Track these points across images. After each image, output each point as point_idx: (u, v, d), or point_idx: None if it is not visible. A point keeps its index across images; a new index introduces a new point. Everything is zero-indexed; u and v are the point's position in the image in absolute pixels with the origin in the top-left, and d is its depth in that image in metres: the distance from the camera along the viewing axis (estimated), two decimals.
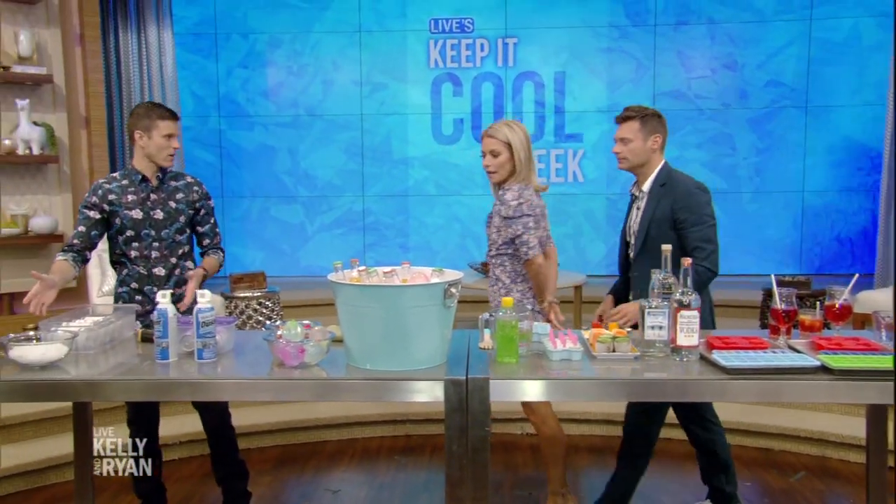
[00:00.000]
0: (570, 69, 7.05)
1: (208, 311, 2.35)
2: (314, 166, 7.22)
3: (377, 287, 2.29)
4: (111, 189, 3.10)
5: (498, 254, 3.15)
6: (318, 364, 2.31)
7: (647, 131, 3.05)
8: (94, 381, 2.21)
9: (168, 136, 3.09)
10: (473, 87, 7.13)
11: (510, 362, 2.31)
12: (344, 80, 7.19)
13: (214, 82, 7.19)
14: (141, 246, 3.10)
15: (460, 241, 7.32)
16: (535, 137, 7.11)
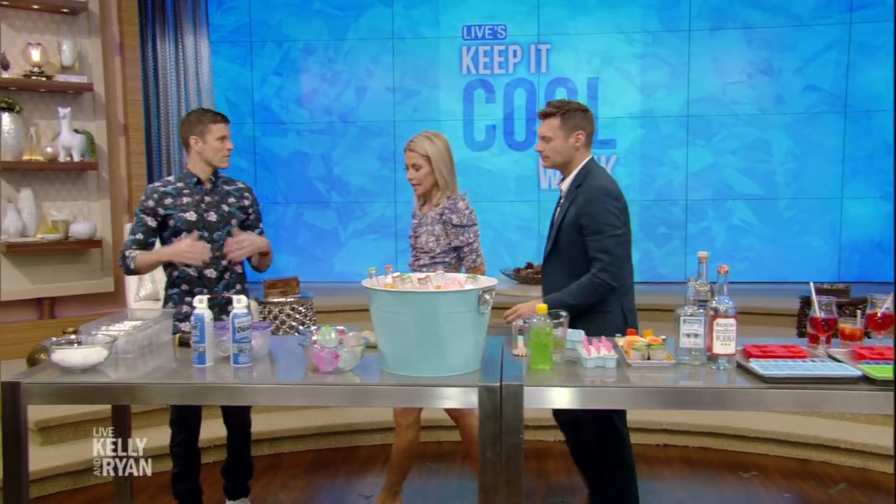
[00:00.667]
0: (603, 75, 7.01)
1: (244, 317, 2.37)
2: (347, 172, 7.26)
3: (411, 293, 2.29)
4: (167, 192, 3.17)
5: (433, 262, 3.14)
6: (353, 370, 2.32)
7: (568, 128, 2.93)
8: (133, 385, 2.25)
9: (222, 138, 3.16)
10: (506, 93, 7.13)
11: (544, 369, 2.31)
12: (377, 86, 7.22)
13: (249, 89, 7.28)
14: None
15: (492, 247, 7.28)
16: None
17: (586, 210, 2.82)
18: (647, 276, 7.09)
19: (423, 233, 3.16)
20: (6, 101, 4.82)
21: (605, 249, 2.79)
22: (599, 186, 2.86)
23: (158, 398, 2.31)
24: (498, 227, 7.27)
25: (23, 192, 4.98)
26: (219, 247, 3.17)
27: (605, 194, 2.84)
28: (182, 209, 3.15)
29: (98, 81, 5.27)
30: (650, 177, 7.05)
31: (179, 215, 3.14)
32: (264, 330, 2.53)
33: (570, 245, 2.90)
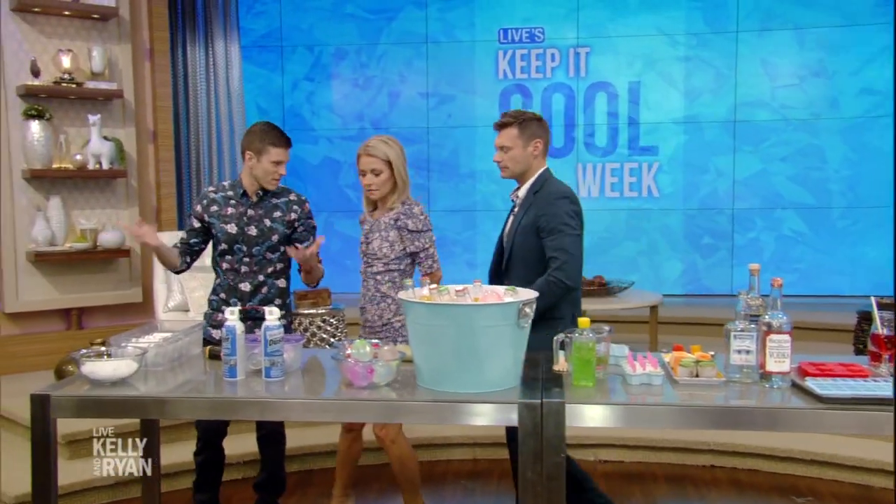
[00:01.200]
0: (645, 79, 6.97)
1: (276, 329, 2.38)
2: None
3: (449, 306, 2.29)
4: (215, 199, 3.24)
5: (387, 269, 3.19)
6: (387, 384, 2.32)
7: (526, 137, 3.00)
8: (163, 399, 2.27)
9: (276, 163, 3.18)
10: (543, 98, 7.12)
11: (587, 386, 2.28)
12: (410, 92, 7.26)
13: (279, 95, 7.36)
14: (232, 259, 3.22)
15: None
16: (608, 150, 7.06)
17: (545, 211, 2.90)
18: (691, 288, 7.01)
19: (376, 238, 3.21)
20: (36, 109, 4.93)
21: (562, 247, 2.85)
22: (558, 190, 2.97)
23: (188, 412, 2.33)
24: None
25: (52, 200, 5.08)
26: (257, 261, 3.21)
27: (564, 197, 2.94)
28: (224, 220, 3.21)
29: (128, 88, 5.37)
30: (694, 185, 6.97)
31: (221, 226, 3.20)
32: (296, 343, 2.54)
33: (526, 251, 2.95)
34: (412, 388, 2.30)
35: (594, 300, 5.09)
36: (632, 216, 7.07)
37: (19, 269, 5.04)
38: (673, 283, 6.98)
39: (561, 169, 7.07)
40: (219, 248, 3.24)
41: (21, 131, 4.97)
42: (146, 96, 5.58)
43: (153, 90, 5.61)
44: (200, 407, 2.29)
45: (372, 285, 3.22)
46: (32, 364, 5.03)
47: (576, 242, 2.90)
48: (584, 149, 7.11)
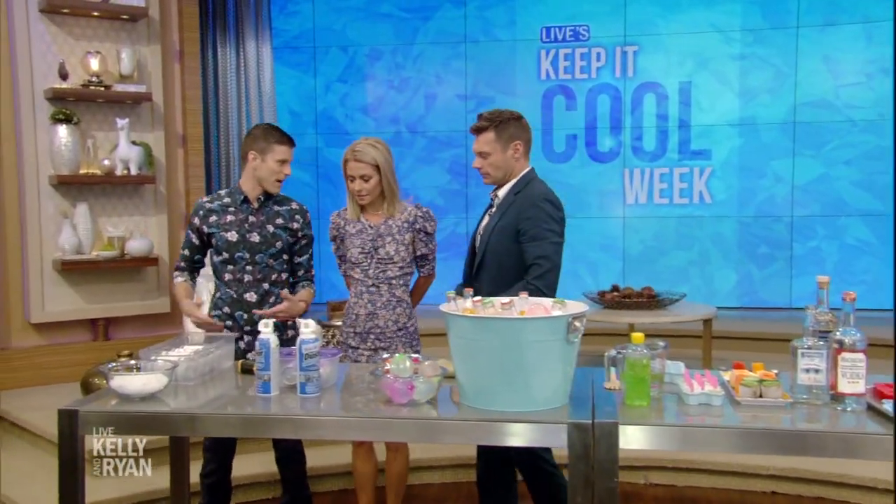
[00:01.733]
0: (696, 79, 6.89)
1: (312, 343, 2.37)
2: (415, 186, 7.28)
3: (494, 320, 2.26)
4: (213, 209, 3.24)
5: (403, 273, 3.26)
6: (428, 402, 2.30)
7: (504, 140, 2.97)
8: (194, 415, 2.27)
9: (281, 162, 3.20)
10: (588, 100, 7.07)
11: (641, 406, 2.24)
12: (448, 94, 7.26)
13: (312, 98, 7.41)
14: (235, 269, 3.21)
15: (571, 267, 7.16)
16: (657, 154, 6.99)
17: (527, 215, 2.87)
18: (746, 300, 6.89)
19: (390, 242, 3.23)
20: (64, 113, 5.01)
21: (544, 255, 2.83)
22: (540, 193, 2.94)
23: (220, 429, 2.34)
24: (578, 247, 7.17)
25: (79, 206, 5.15)
26: (260, 269, 3.21)
27: (547, 200, 2.91)
28: (224, 228, 3.20)
29: (157, 91, 5.43)
30: (749, 191, 6.86)
31: (221, 234, 3.20)
32: (333, 357, 2.53)
33: (501, 254, 2.92)
34: (454, 406, 2.29)
35: (642, 313, 5.02)
36: (682, 224, 6.98)
37: (45, 278, 5.12)
38: (726, 296, 6.86)
39: (606, 174, 7.06)
40: (218, 258, 3.22)
41: (48, 136, 5.05)
42: (175, 99, 5.65)
43: (183, 93, 5.68)
44: (233, 424, 2.28)
45: (386, 290, 3.25)
46: (58, 376, 5.10)
47: (558, 250, 2.88)
48: (631, 153, 7.05)
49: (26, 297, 5.11)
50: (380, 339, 3.25)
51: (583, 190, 7.13)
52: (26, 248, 5.08)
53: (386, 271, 3.25)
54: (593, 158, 7.13)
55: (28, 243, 5.07)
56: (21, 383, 5.03)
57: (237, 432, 2.39)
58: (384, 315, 3.24)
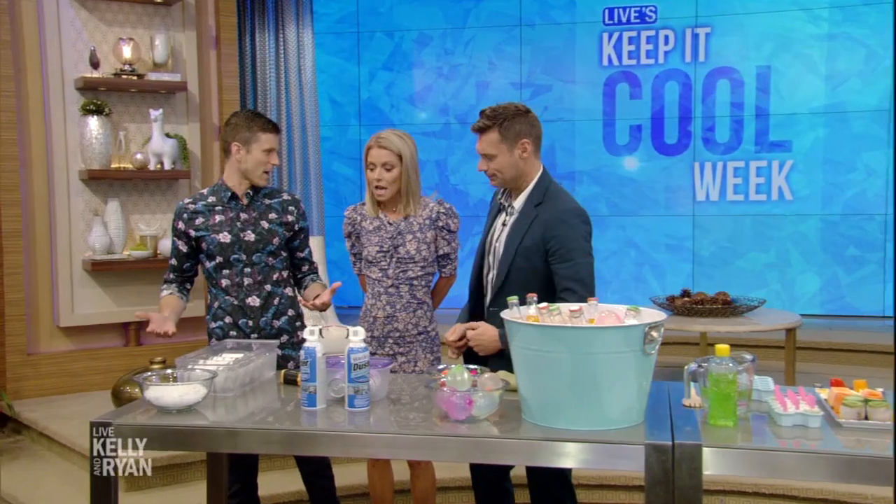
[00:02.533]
0: (777, 63, 6.74)
1: (361, 352, 2.34)
2: (465, 182, 7.26)
3: (563, 329, 2.22)
4: (198, 210, 3.19)
5: (425, 273, 3.28)
6: (488, 418, 2.26)
7: (510, 140, 2.89)
8: (234, 430, 2.25)
9: (268, 151, 3.16)
10: (654, 87, 7.00)
11: (726, 426, 2.17)
12: (501, 81, 7.23)
13: (355, 87, 7.42)
14: (232, 273, 3.16)
15: (636, 270, 7.13)
16: (731, 146, 6.87)
17: (556, 233, 2.84)
18: (832, 307, 6.72)
19: (411, 241, 3.24)
20: (94, 104, 5.07)
21: (578, 278, 2.80)
22: (569, 207, 2.91)
23: (261, 446, 2.31)
24: (643, 247, 7.09)
25: (110, 203, 5.20)
26: (260, 270, 3.18)
27: (577, 215, 2.89)
28: (214, 230, 3.16)
29: (192, 79, 5.47)
30: (836, 186, 6.69)
31: (212, 237, 3.15)
32: (383, 368, 2.51)
33: (528, 275, 2.87)
34: (517, 423, 2.24)
35: (717, 321, 4.90)
36: (758, 223, 6.84)
37: (74, 279, 5.18)
38: (808, 302, 6.70)
39: (675, 168, 6.95)
40: (213, 262, 3.17)
41: (78, 128, 5.12)
42: (212, 88, 5.68)
43: (219, 82, 5.71)
44: (275, 440, 2.26)
45: (406, 291, 3.25)
46: (88, 383, 5.16)
47: (591, 270, 2.86)
48: (701, 145, 6.94)
49: (55, 299, 5.18)
50: (398, 343, 3.25)
51: (648, 186, 7.05)
52: (55, 247, 5.15)
53: (406, 271, 3.24)
54: (660, 151, 7.04)
55: (57, 242, 5.14)
56: (49, 390, 5.10)
57: (280, 449, 2.37)
58: (404, 318, 3.24)
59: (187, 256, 3.22)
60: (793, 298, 6.68)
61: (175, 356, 2.56)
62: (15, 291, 5.05)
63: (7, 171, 5.01)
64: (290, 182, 6.39)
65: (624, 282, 7.11)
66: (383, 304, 3.25)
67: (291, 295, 3.29)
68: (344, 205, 7.47)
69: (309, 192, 6.46)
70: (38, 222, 5.16)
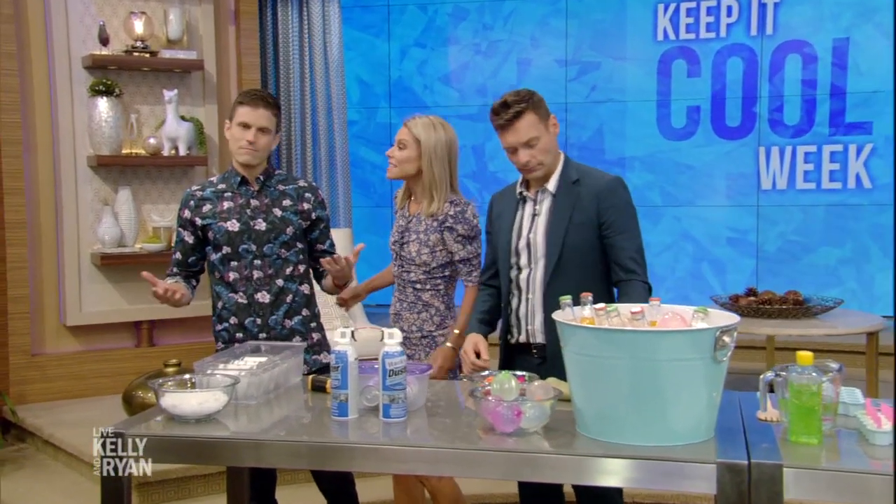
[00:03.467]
0: (856, 35, 6.63)
1: (397, 357, 2.31)
2: (504, 169, 7.20)
3: (623, 332, 2.17)
4: (205, 196, 3.18)
5: (429, 278, 3.27)
6: (538, 431, 2.22)
7: (543, 116, 2.94)
8: (258, 442, 2.23)
9: (243, 126, 3.10)
10: (715, 64, 6.92)
11: (809, 444, 2.10)
12: (545, 59, 7.19)
13: (385, 65, 7.41)
14: (240, 265, 3.13)
15: (693, 266, 7.06)
16: (801, 129, 6.78)
17: (611, 202, 2.92)
18: None
19: (413, 241, 3.27)
20: (105, 84, 5.09)
21: (640, 248, 2.94)
22: (615, 178, 3.02)
23: (287, 459, 2.29)
24: (701, 241, 7.01)
25: (120, 192, 5.23)
26: (271, 262, 3.14)
27: (623, 187, 3.00)
28: (222, 217, 3.14)
29: (209, 58, 5.48)
30: None
31: (219, 225, 3.12)
32: (422, 374, 2.48)
33: (583, 252, 2.93)
34: (570, 437, 2.20)
35: (787, 323, 4.82)
36: (832, 214, 6.74)
37: (83, 275, 5.22)
38: (890, 303, 6.56)
39: (737, 154, 6.88)
40: (218, 254, 3.14)
41: (87, 110, 5.14)
42: (230, 67, 5.69)
43: (238, 60, 5.72)
44: (303, 454, 2.23)
45: (411, 292, 3.30)
46: (97, 387, 5.19)
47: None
48: (768, 128, 6.86)
49: (61, 296, 5.22)
50: (404, 343, 3.22)
51: (707, 173, 6.97)
52: (62, 239, 5.19)
53: (409, 272, 3.29)
54: (721, 135, 6.97)
55: (63, 234, 5.18)
56: (56, 394, 5.14)
57: (308, 463, 2.35)
58: (408, 317, 3.30)
59: (193, 249, 3.20)
60: (872, 298, 6.55)
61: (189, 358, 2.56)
62: (18, 287, 5.09)
63: (10, 156, 5.04)
64: (314, 169, 6.38)
65: (679, 279, 7.04)
66: (396, 299, 3.35)
67: (307, 293, 3.25)
68: (372, 194, 7.48)
69: (335, 180, 6.45)
70: (43, 212, 5.19)
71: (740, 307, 4.98)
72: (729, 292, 5.52)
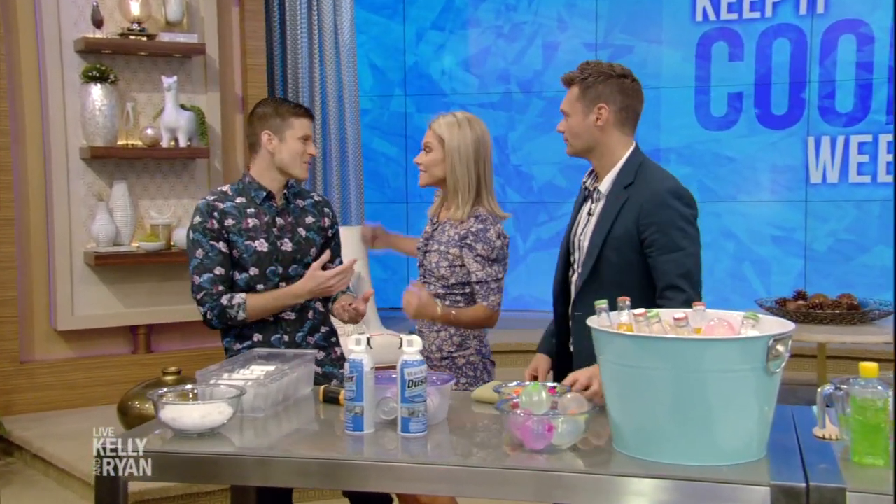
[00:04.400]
0: None
1: (417, 366, 2.29)
2: (529, 162, 7.21)
3: (666, 340, 2.14)
4: (227, 210, 3.15)
5: (449, 293, 3.23)
6: (571, 448, 2.20)
7: (588, 101, 2.85)
8: (266, 459, 2.22)
9: (304, 139, 3.17)
10: (759, 47, 6.90)
11: (874, 465, 2.07)
12: (573, 42, 7.18)
13: (400, 50, 7.42)
14: (266, 288, 3.15)
15: (735, 266, 7.03)
16: (856, 117, 6.75)
17: (652, 218, 2.78)
18: None
19: (434, 252, 3.24)
20: (98, 69, 5.09)
21: (686, 273, 2.74)
22: (666, 186, 2.83)
23: (298, 478, 2.28)
24: (743, 238, 6.98)
25: (116, 186, 5.23)
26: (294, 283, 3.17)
27: (676, 197, 2.81)
28: (249, 235, 3.13)
29: (211, 41, 5.48)
30: None
31: (246, 244, 3.12)
32: (443, 385, 2.46)
33: (619, 268, 2.82)
34: (607, 455, 2.19)
35: (840, 329, 4.81)
36: (889, 209, 6.67)
37: (75, 276, 5.22)
38: None
39: (783, 144, 6.82)
40: (244, 275, 3.13)
41: (79, 98, 5.15)
42: (234, 52, 5.70)
43: (242, 44, 5.72)
44: (314, 472, 2.22)
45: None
46: (90, 397, 5.20)
47: (699, 262, 2.80)
48: (817, 116, 6.82)
49: (52, 298, 5.22)
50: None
51: (749, 166, 6.95)
52: (52, 237, 5.19)
53: (429, 284, 3.26)
54: (765, 124, 6.94)
55: (55, 232, 5.18)
56: (46, 405, 5.15)
57: (320, 482, 2.35)
58: (428, 336, 3.26)
59: (230, 259, 3.14)
60: None
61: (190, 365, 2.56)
62: (6, 289, 5.11)
63: None
64: (324, 163, 6.37)
65: (719, 280, 7.00)
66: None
67: (322, 310, 3.31)
68: (386, 189, 7.46)
69: (346, 174, 6.45)
70: (32, 209, 5.20)
71: (788, 312, 4.95)
72: (774, 295, 5.49)
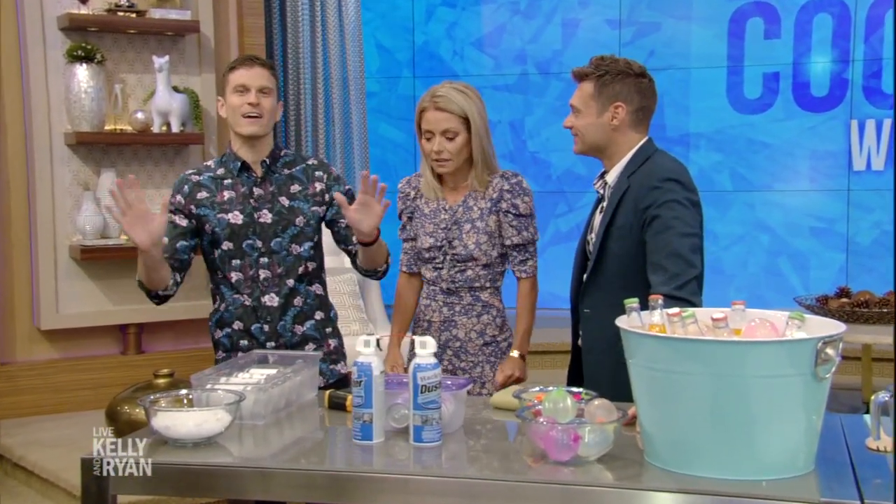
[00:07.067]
0: None
1: (431, 370, 2.29)
2: (547, 148, 7.22)
3: (703, 343, 2.12)
4: (201, 182, 3.15)
5: (489, 272, 3.27)
6: (600, 459, 2.19)
7: (604, 98, 2.89)
8: (267, 471, 2.22)
9: (241, 91, 3.07)
10: (798, 23, 6.89)
11: None
12: (594, 20, 7.19)
13: (408, 28, 7.44)
14: (244, 263, 3.12)
15: (769, 260, 7.03)
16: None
17: (649, 201, 2.82)
18: None
19: (469, 232, 3.23)
20: (84, 48, 5.07)
21: (674, 253, 2.74)
22: (664, 168, 2.89)
23: (301, 492, 2.27)
24: (779, 231, 6.97)
25: (103, 175, 5.22)
26: (281, 260, 3.12)
27: (673, 179, 2.85)
28: (223, 208, 3.11)
29: (206, 18, 5.48)
30: None
31: (219, 217, 3.10)
32: (459, 391, 2.45)
33: (622, 260, 2.88)
34: (638, 468, 2.18)
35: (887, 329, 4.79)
36: None
37: (60, 271, 5.21)
38: None
39: (824, 129, 6.81)
40: (219, 250, 3.12)
41: (64, 79, 5.13)
42: (230, 30, 5.70)
43: (239, 22, 5.72)
44: (319, 485, 2.22)
45: (466, 293, 3.28)
46: (76, 401, 5.20)
47: (696, 247, 2.79)
48: (861, 97, 6.83)
49: (35, 295, 5.22)
50: (459, 355, 3.25)
51: (786, 152, 6.95)
52: (35, 230, 5.19)
53: (465, 271, 3.25)
54: (804, 106, 6.96)
55: (37, 224, 5.18)
56: (28, 410, 5.14)
57: (325, 496, 2.33)
58: (464, 323, 3.25)
59: (184, 234, 3.12)
60: None
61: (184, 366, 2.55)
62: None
63: None
64: (327, 148, 6.38)
65: (753, 276, 7.02)
66: (439, 304, 3.28)
67: (320, 293, 3.25)
68: (393, 176, 7.40)
69: (351, 159, 6.45)
70: (13, 199, 5.20)
71: (831, 310, 4.94)
72: (813, 292, 5.48)
